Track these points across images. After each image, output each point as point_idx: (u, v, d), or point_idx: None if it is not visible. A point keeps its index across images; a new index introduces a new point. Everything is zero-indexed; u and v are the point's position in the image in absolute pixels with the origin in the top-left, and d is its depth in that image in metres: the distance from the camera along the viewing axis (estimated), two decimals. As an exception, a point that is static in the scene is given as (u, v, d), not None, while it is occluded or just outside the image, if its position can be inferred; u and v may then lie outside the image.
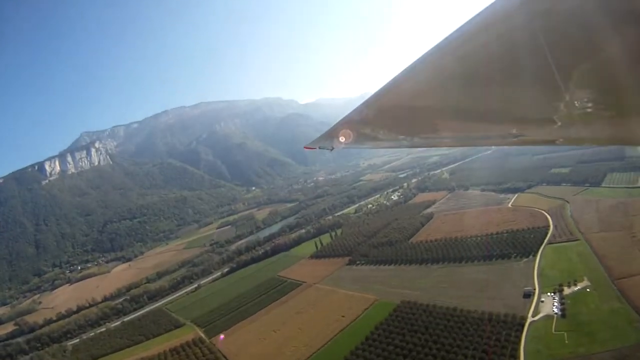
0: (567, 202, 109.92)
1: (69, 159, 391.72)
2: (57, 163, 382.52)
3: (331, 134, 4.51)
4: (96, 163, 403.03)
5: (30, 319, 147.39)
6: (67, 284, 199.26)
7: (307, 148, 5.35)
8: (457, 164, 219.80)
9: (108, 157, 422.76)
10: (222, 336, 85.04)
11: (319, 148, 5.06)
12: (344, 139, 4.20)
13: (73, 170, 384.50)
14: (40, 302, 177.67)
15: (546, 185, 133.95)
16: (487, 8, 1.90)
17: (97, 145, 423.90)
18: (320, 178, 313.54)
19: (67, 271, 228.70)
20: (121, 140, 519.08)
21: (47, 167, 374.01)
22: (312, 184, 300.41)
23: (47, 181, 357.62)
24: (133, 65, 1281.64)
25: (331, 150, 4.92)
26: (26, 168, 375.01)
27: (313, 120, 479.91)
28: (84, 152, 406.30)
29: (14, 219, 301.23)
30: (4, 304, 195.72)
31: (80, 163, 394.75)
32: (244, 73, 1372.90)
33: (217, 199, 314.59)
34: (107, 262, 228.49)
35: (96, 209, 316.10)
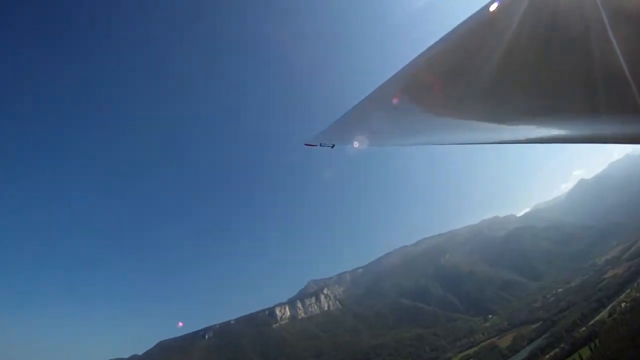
0: None
1: (299, 305, 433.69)
2: (287, 309, 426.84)
3: (332, 132, 4.44)
4: (325, 308, 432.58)
5: None
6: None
7: (307, 145, 5.10)
8: None
9: (337, 302, 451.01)
10: None
11: (320, 145, 4.84)
12: (345, 137, 4.14)
13: (303, 315, 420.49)
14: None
15: None
16: (489, 4, 1.87)
17: (325, 291, 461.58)
18: (559, 289, 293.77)
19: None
20: (348, 285, 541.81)
21: (277, 312, 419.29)
22: (551, 298, 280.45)
23: (277, 325, 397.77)
24: (358, 215, 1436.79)
25: (332, 147, 4.70)
26: (257, 313, 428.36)
27: (537, 229, 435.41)
28: (313, 298, 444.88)
29: (244, 356, 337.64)
30: None
31: (310, 308, 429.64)
32: (457, 202, 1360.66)
33: (453, 332, 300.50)
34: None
35: (328, 351, 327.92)
